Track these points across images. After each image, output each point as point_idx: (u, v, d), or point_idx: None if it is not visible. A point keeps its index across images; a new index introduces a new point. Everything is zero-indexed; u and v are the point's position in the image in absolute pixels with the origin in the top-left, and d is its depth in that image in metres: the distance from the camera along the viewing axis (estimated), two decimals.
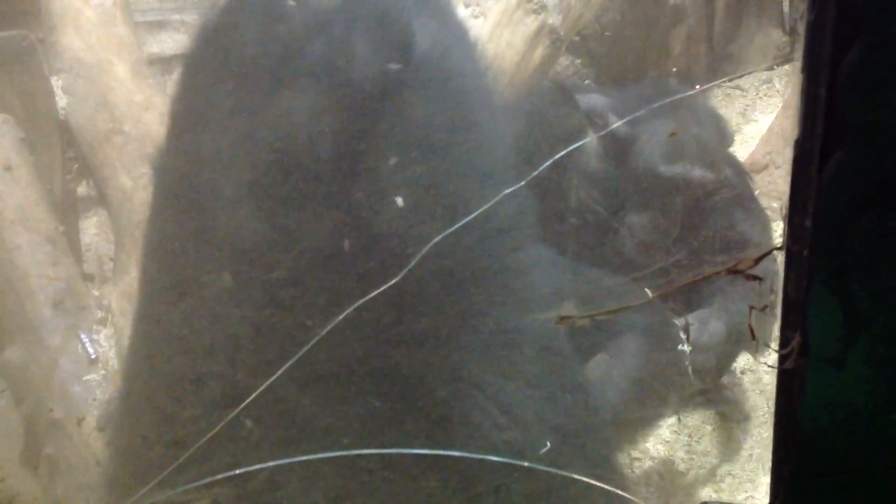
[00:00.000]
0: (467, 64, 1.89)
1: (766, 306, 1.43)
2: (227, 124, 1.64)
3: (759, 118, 4.05)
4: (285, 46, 1.69)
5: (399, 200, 1.61)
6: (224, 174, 1.62)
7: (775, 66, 4.31)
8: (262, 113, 1.63)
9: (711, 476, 2.68)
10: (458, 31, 1.95)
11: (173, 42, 4.76)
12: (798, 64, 1.20)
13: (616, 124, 2.42)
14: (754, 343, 1.44)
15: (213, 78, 1.74)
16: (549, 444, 1.67)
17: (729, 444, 2.76)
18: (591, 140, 2.56)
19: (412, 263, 1.51)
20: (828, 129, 1.21)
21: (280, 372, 1.50)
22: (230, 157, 1.63)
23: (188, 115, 1.70)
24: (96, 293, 2.81)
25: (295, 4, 1.72)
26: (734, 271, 1.43)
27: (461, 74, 1.83)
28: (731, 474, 2.68)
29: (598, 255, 2.02)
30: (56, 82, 3.19)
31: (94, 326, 2.62)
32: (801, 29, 1.23)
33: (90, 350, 2.53)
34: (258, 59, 1.70)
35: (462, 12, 3.29)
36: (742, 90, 4.27)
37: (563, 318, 1.57)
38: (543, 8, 3.31)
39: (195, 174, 1.64)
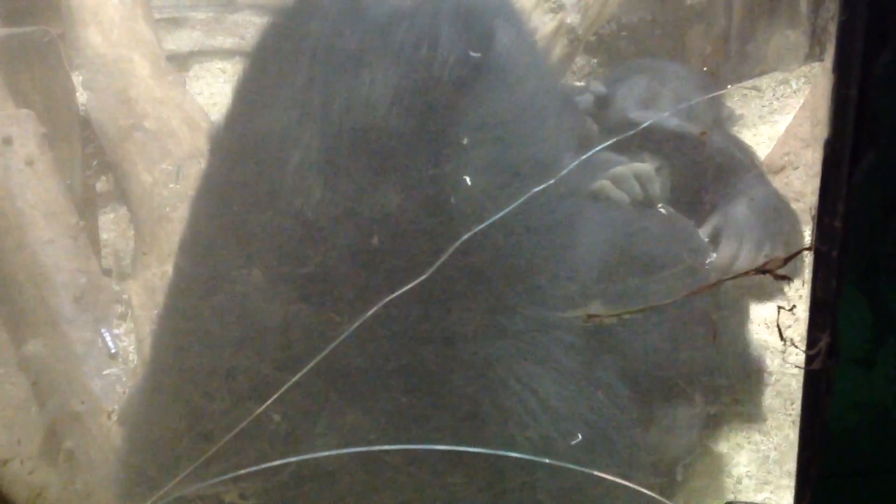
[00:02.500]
0: (537, 66, 1.96)
1: (794, 306, 1.43)
2: (259, 121, 1.65)
3: (776, 119, 4.04)
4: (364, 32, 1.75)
5: (467, 179, 1.66)
6: (254, 171, 1.63)
7: (793, 68, 4.30)
8: (298, 107, 1.65)
9: (729, 477, 2.68)
10: (529, 37, 2.07)
11: (190, 39, 4.78)
12: (825, 64, 1.20)
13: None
14: (782, 344, 1.44)
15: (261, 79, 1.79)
16: (580, 436, 1.69)
17: (746, 446, 2.76)
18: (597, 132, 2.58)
19: (441, 260, 1.51)
20: (858, 130, 1.21)
21: (308, 367, 1.51)
22: (260, 155, 1.65)
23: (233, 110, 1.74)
24: (116, 288, 2.82)
25: None
26: (763, 271, 1.43)
27: (533, 74, 1.90)
28: (748, 475, 2.68)
29: (625, 254, 2.03)
30: (77, 78, 3.21)
31: (115, 321, 2.64)
32: (832, 28, 1.23)
33: (111, 344, 2.54)
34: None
35: None
36: (759, 91, 4.26)
37: (590, 317, 1.57)
38: (561, 7, 3.31)
39: (226, 171, 1.65)
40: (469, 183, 1.65)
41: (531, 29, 2.07)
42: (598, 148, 1.83)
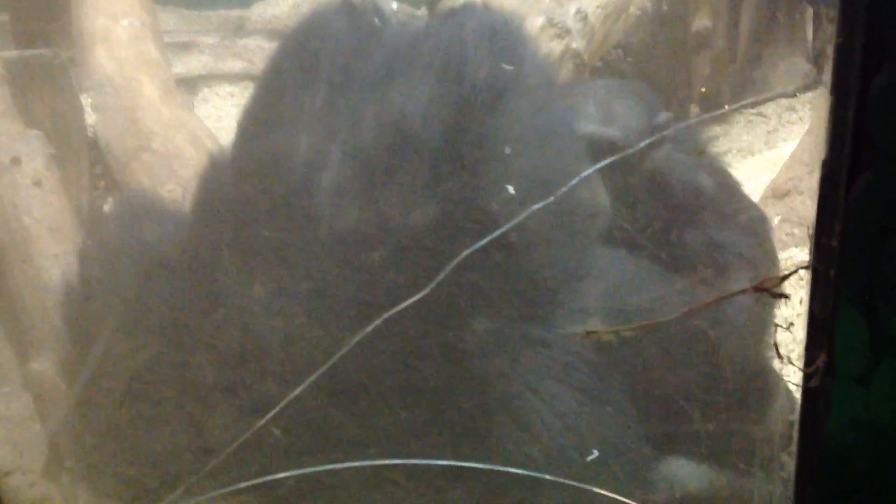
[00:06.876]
0: (551, 91, 1.99)
1: (791, 324, 1.44)
2: (264, 135, 1.67)
3: (781, 145, 4.05)
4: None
5: (510, 188, 1.67)
6: (257, 187, 1.65)
7: (798, 94, 4.31)
8: (312, 126, 1.67)
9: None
10: (548, 59, 2.02)
11: (199, 63, 4.81)
12: (825, 88, 1.21)
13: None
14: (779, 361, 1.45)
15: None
16: (593, 451, 1.69)
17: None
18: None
19: (441, 276, 1.52)
20: (855, 151, 1.22)
21: (308, 382, 1.52)
22: (261, 171, 1.66)
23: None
24: None
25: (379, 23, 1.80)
26: (760, 289, 1.44)
27: (555, 95, 1.94)
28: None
29: (625, 272, 2.04)
30: (85, 100, 3.24)
31: None
32: (830, 51, 1.24)
33: None
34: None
35: None
36: (765, 116, 4.27)
37: (589, 334, 1.58)
38: (567, 32, 3.32)
39: (230, 187, 1.67)
40: (512, 192, 1.66)
41: (547, 52, 2.07)
42: (603, 163, 1.84)
